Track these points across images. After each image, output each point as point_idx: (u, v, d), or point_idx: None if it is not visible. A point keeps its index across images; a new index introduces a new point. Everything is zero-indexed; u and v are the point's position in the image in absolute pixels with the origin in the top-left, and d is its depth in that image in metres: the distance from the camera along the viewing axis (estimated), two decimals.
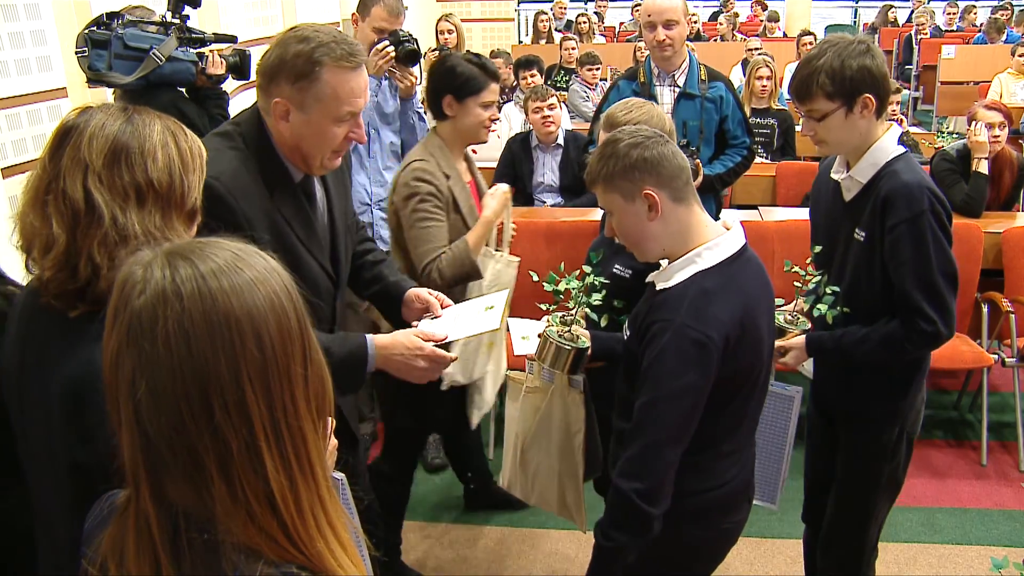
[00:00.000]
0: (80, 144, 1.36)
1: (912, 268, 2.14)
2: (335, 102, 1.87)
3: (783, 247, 3.99)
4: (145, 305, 0.90)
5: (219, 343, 0.89)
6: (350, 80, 1.88)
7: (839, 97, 2.16)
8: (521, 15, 13.70)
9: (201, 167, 1.47)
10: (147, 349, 0.89)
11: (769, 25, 12.46)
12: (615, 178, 1.83)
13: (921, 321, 2.15)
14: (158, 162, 1.38)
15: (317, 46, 1.84)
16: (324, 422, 1.00)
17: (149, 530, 0.91)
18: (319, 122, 1.89)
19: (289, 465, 0.93)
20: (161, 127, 1.42)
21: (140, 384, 0.89)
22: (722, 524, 2.01)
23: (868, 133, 2.21)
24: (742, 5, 13.74)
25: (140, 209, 1.37)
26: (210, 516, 0.91)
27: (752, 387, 1.90)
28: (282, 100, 1.87)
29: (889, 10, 13.23)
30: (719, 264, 1.82)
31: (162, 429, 0.89)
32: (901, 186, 2.14)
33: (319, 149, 1.93)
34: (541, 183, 4.79)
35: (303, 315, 0.97)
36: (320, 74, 1.84)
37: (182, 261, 0.92)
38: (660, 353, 1.77)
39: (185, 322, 0.89)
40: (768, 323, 1.91)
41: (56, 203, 1.35)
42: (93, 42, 2.69)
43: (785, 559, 3.19)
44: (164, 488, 0.92)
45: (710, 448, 1.89)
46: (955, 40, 10.68)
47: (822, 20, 14.83)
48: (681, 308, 1.77)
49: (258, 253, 0.97)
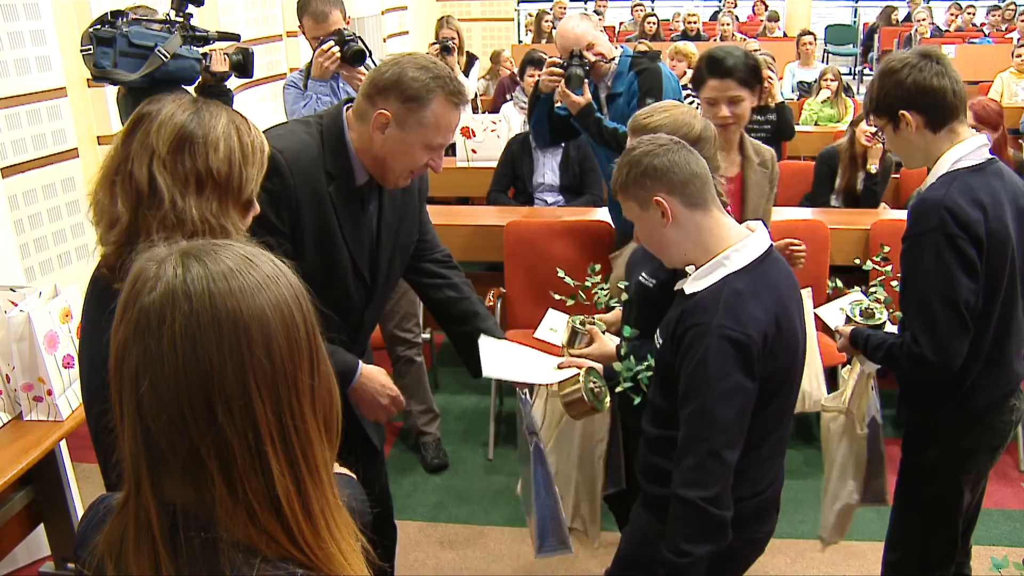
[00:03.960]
0: (150, 130, 1.48)
1: (909, 286, 2.12)
2: (434, 130, 2.01)
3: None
4: (154, 303, 0.90)
5: (226, 349, 0.89)
6: (452, 115, 2.02)
7: (884, 114, 2.19)
8: (521, 14, 13.69)
9: (261, 161, 1.57)
10: (152, 347, 0.89)
11: (769, 25, 12.47)
12: (629, 186, 1.87)
13: (911, 341, 2.11)
14: (219, 152, 1.49)
15: (435, 76, 1.98)
16: (331, 435, 0.99)
17: (150, 526, 0.91)
18: (413, 143, 2.01)
19: (297, 469, 0.93)
20: (227, 120, 1.52)
21: (144, 380, 0.89)
22: (755, 534, 2.00)
23: (930, 148, 2.17)
24: (743, 5, 13.75)
25: (199, 195, 1.48)
26: (209, 514, 0.91)
27: (791, 386, 1.89)
28: (387, 113, 1.98)
29: (892, 12, 13.23)
30: (748, 265, 1.82)
31: (163, 426, 0.89)
32: (918, 201, 2.14)
33: (402, 166, 2.05)
34: (541, 183, 4.79)
35: (313, 325, 0.97)
36: (430, 102, 1.97)
37: (195, 261, 0.92)
38: (702, 358, 1.76)
39: (192, 324, 0.88)
40: (800, 322, 1.89)
41: (123, 184, 1.47)
42: (98, 40, 2.69)
43: (785, 559, 3.19)
44: (164, 485, 0.92)
45: (753, 451, 1.86)
46: (955, 40, 10.68)
47: (822, 20, 14.81)
48: (717, 310, 1.76)
49: (270, 259, 0.97)
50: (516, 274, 4.12)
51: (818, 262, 4.09)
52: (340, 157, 2.07)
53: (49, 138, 3.94)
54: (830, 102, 6.92)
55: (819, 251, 4.09)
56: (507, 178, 4.84)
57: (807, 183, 5.11)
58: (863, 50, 13.98)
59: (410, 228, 2.32)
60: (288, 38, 7.61)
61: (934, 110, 2.12)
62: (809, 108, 7.01)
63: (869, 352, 2.29)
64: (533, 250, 4.09)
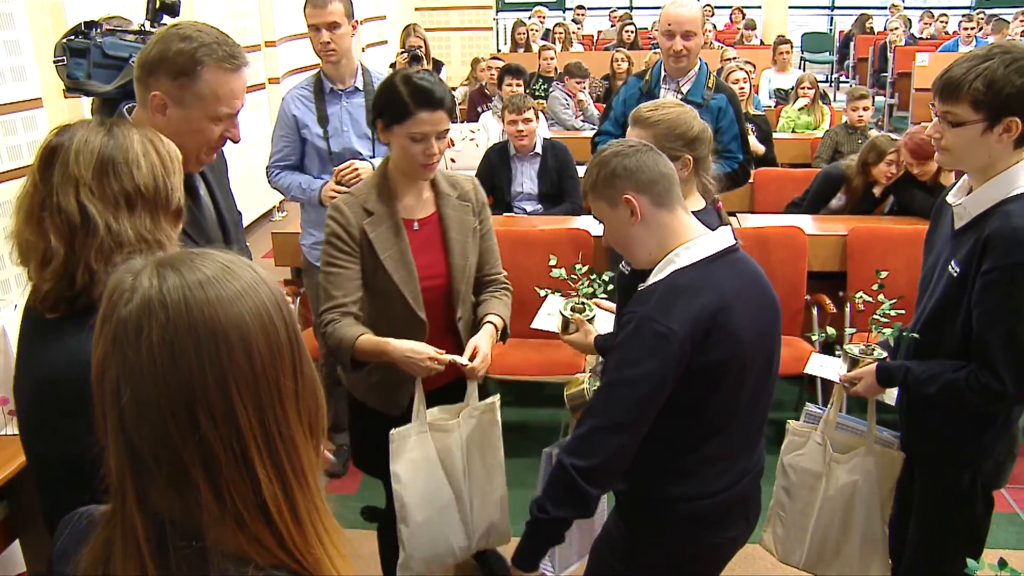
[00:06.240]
0: (68, 161, 1.46)
1: (996, 319, 1.98)
2: (214, 101, 1.93)
3: (761, 254, 4.01)
4: (131, 314, 0.89)
5: (205, 356, 0.89)
6: (230, 81, 1.94)
7: (985, 110, 1.94)
8: (500, 24, 13.73)
9: (179, 169, 1.56)
10: (131, 357, 0.88)
11: (746, 33, 12.58)
12: (599, 186, 1.91)
13: (989, 376, 2.01)
14: (142, 168, 1.48)
15: (200, 46, 1.89)
16: (317, 439, 0.99)
17: (136, 539, 0.90)
18: (197, 119, 1.94)
19: (283, 474, 0.93)
20: (140, 136, 1.51)
21: (124, 392, 0.89)
22: (715, 538, 1.99)
23: (998, 159, 2.00)
24: (721, 13, 13.85)
25: (131, 215, 1.46)
26: (197, 524, 0.90)
27: (736, 388, 1.87)
28: (160, 94, 1.91)
29: (867, 20, 13.37)
30: (697, 262, 1.84)
31: (146, 437, 0.89)
32: (1009, 229, 1.95)
33: (196, 144, 1.97)
34: (520, 192, 4.80)
35: (295, 329, 0.96)
36: (201, 73, 1.90)
37: (171, 271, 0.92)
38: (622, 342, 1.82)
39: (170, 333, 0.88)
40: (756, 324, 1.87)
41: (52, 218, 1.44)
42: (71, 51, 2.67)
43: (767, 564, 3.20)
44: (150, 496, 0.91)
45: (694, 451, 1.89)
46: (928, 47, 10.80)
47: (799, 28, 14.96)
48: (650, 302, 1.81)
49: (249, 265, 0.96)
50: None
51: (796, 269, 4.12)
52: None
53: (25, 149, 3.92)
54: (807, 109, 6.98)
55: (797, 258, 4.12)
56: (485, 187, 4.84)
57: (786, 190, 5.15)
58: (839, 57, 14.13)
59: (232, 204, 2.31)
60: (266, 48, 7.60)
61: None
62: (786, 115, 7.07)
63: (915, 387, 2.17)
64: (512, 258, 4.09)
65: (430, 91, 2.24)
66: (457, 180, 2.50)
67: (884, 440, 2.40)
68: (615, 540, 2.04)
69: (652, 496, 1.93)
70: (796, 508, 2.50)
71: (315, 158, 3.46)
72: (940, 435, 2.25)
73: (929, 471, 2.32)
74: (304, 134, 3.43)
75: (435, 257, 2.42)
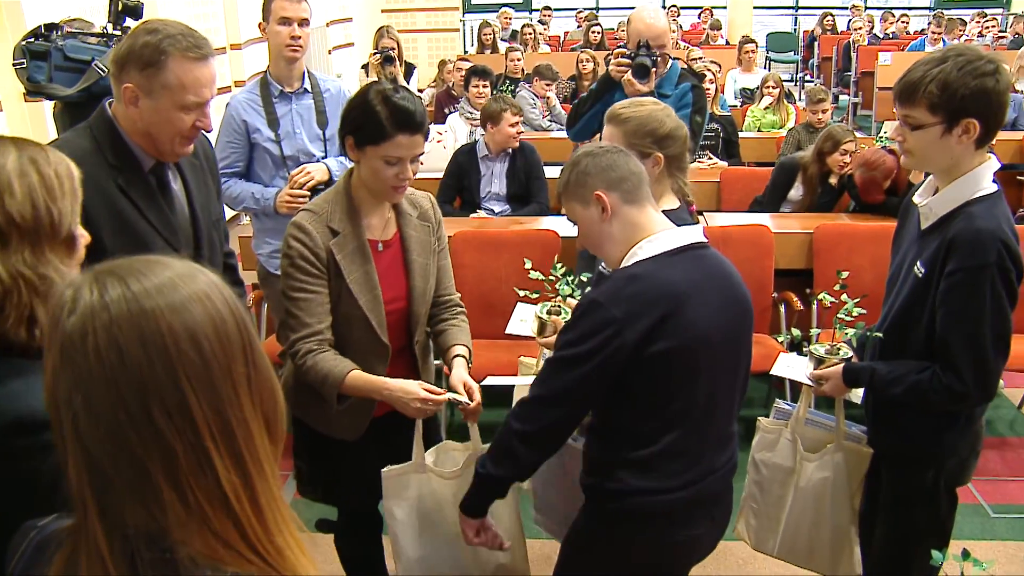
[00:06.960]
0: None
1: (959, 320, 2.01)
2: (181, 91, 2.00)
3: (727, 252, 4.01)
4: (75, 324, 0.89)
5: (152, 349, 0.88)
6: (195, 70, 2.01)
7: (942, 112, 1.96)
8: (466, 25, 13.73)
9: (72, 189, 1.35)
10: (80, 363, 0.88)
11: (712, 33, 12.67)
12: (571, 186, 1.96)
13: (952, 376, 2.04)
14: (16, 195, 1.27)
15: (164, 37, 1.97)
16: (274, 433, 0.98)
17: (100, 554, 0.89)
18: (167, 109, 2.01)
19: (242, 462, 0.92)
20: (17, 155, 1.30)
21: (76, 399, 0.88)
22: (676, 536, 1.97)
23: (961, 160, 2.03)
24: (687, 13, 13.94)
25: (4, 250, 1.26)
26: (164, 531, 0.90)
27: (689, 380, 1.86)
28: (131, 86, 1.99)
29: (826, 17, 13.51)
30: (658, 255, 1.87)
31: (102, 442, 0.88)
32: (972, 231, 1.98)
33: (168, 134, 2.06)
34: (489, 192, 4.81)
35: (242, 315, 0.95)
36: (167, 63, 1.97)
37: (111, 279, 0.91)
38: (569, 322, 1.91)
39: (114, 331, 0.88)
40: (719, 320, 1.87)
41: None
42: (32, 53, 2.64)
43: (737, 560, 3.22)
44: (112, 510, 0.90)
45: (649, 444, 1.88)
46: (891, 47, 10.93)
47: (764, 28, 15.10)
48: (602, 286, 1.87)
49: (200, 271, 0.96)
50: (464, 284, 4.10)
51: (763, 267, 4.15)
52: (118, 147, 2.08)
53: None
54: (772, 108, 7.05)
55: (763, 256, 4.16)
56: (453, 189, 4.85)
57: (751, 189, 5.20)
58: (804, 57, 14.26)
59: (214, 205, 2.37)
60: (232, 51, 7.54)
61: (995, 125, 1.99)
62: (752, 115, 7.13)
63: (880, 388, 2.21)
64: (481, 259, 4.09)
65: (411, 114, 2.11)
66: (416, 199, 2.39)
67: (853, 436, 2.43)
68: (580, 530, 2.07)
69: (611, 489, 1.93)
70: (769, 501, 2.54)
71: (266, 163, 3.39)
72: (904, 434, 2.28)
73: (894, 469, 2.35)
74: (255, 138, 3.37)
75: (397, 280, 2.32)
